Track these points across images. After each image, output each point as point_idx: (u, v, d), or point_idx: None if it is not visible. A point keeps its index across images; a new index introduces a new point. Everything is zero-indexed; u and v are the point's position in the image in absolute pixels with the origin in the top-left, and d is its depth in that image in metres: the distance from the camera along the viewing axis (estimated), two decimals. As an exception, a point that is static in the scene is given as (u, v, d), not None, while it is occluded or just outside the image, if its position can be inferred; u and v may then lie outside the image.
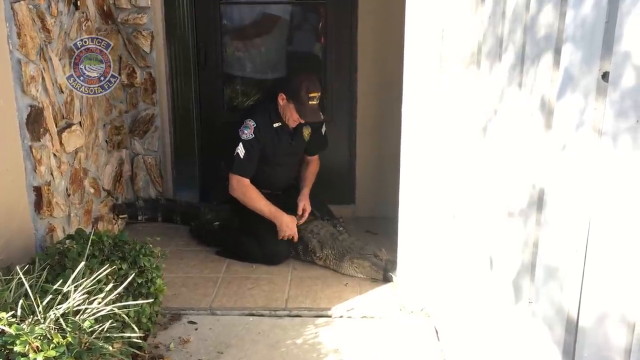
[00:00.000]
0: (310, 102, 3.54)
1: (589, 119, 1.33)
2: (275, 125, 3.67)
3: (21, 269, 2.49)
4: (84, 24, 3.46)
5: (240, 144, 3.57)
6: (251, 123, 3.59)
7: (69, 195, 3.27)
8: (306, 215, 3.79)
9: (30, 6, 2.86)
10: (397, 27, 3.03)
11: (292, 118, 3.62)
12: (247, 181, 3.62)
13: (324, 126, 3.90)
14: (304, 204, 3.81)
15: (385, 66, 3.97)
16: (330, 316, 3.14)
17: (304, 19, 4.48)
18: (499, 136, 1.99)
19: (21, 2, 2.77)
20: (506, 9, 1.92)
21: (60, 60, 3.16)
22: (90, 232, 2.74)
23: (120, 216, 4.05)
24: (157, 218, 4.24)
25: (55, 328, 2.12)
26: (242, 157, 3.57)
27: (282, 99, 3.60)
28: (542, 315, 1.59)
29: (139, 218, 4.20)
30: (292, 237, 3.67)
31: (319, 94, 3.57)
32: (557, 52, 1.52)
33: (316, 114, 3.62)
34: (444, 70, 2.74)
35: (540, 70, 1.61)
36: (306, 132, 3.83)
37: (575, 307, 1.40)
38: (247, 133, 3.57)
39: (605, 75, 1.27)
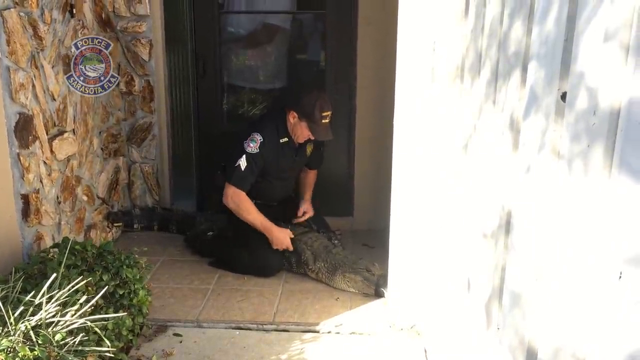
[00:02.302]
0: (323, 121, 3.52)
1: (549, 141, 1.27)
2: (282, 140, 3.63)
3: (1, 278, 2.49)
4: (80, 31, 3.45)
5: (244, 156, 3.52)
6: (258, 137, 3.54)
7: (59, 203, 3.25)
8: (306, 217, 3.84)
9: (22, 13, 2.86)
10: (396, 38, 2.97)
11: (303, 135, 3.58)
12: (243, 194, 3.58)
13: (323, 143, 3.87)
14: (306, 206, 3.86)
15: (384, 76, 3.89)
16: (318, 331, 3.07)
17: (304, 29, 4.45)
18: (476, 153, 1.93)
19: (11, 9, 2.76)
20: (485, 23, 1.86)
21: (53, 67, 3.16)
22: (69, 241, 2.70)
23: (115, 224, 4.03)
24: (153, 227, 4.21)
25: (24, 341, 2.10)
26: (242, 169, 3.53)
27: (292, 117, 3.56)
28: (507, 343, 1.52)
29: (135, 226, 4.18)
30: (287, 248, 3.63)
31: (331, 112, 3.55)
32: (525, 70, 1.46)
33: (328, 133, 3.60)
34: (435, 83, 2.68)
35: (510, 88, 1.55)
36: (309, 148, 3.80)
37: (535, 338, 1.33)
38: (253, 147, 3.52)
39: (564, 96, 1.21)
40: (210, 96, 4.28)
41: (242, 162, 3.52)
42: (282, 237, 3.61)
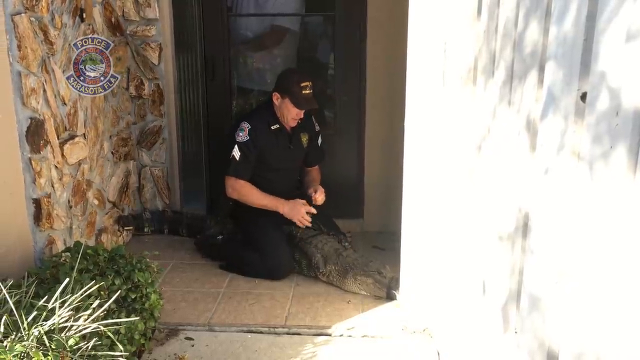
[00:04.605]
0: (303, 92, 3.56)
1: (568, 142, 1.25)
2: (274, 127, 3.69)
3: (14, 282, 2.49)
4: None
5: (236, 146, 3.60)
6: (246, 125, 3.62)
7: (70, 207, 3.26)
8: (320, 195, 3.72)
9: (32, 18, 2.86)
10: (406, 39, 2.96)
11: (291, 115, 3.62)
12: (241, 182, 3.65)
13: (319, 137, 3.92)
14: (316, 188, 3.76)
15: (394, 78, 3.86)
16: (330, 335, 3.06)
17: (312, 31, 4.44)
18: (491, 155, 1.91)
19: (22, 14, 2.76)
20: (499, 24, 1.84)
21: (63, 72, 3.16)
22: (81, 246, 2.70)
23: (126, 228, 4.03)
24: (163, 230, 4.21)
25: (37, 346, 2.09)
26: (237, 159, 3.60)
27: (276, 99, 3.63)
28: (526, 347, 1.50)
29: (145, 230, 4.18)
30: (304, 220, 3.61)
31: (311, 82, 3.60)
32: (542, 70, 1.44)
33: (312, 102, 3.63)
34: (446, 84, 2.67)
35: (527, 89, 1.54)
36: (304, 137, 3.83)
37: (557, 342, 1.31)
38: (242, 135, 3.59)
39: (584, 96, 1.19)
40: (219, 99, 4.27)
41: (236, 153, 3.60)
42: (295, 209, 3.62)
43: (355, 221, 4.25)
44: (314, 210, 3.65)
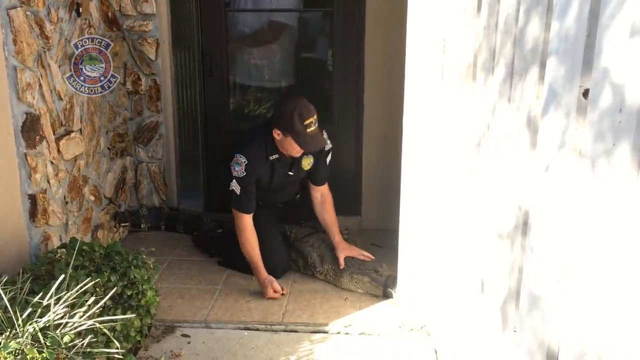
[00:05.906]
0: (308, 130, 3.25)
1: (570, 140, 1.24)
2: (272, 157, 3.46)
3: (8, 279, 2.48)
4: (86, 30, 3.44)
5: (234, 180, 3.40)
6: (242, 160, 3.38)
7: (66, 203, 3.24)
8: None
9: (28, 13, 2.84)
10: (405, 36, 2.95)
11: (295, 150, 3.37)
12: (248, 218, 3.44)
13: (329, 156, 3.67)
14: (345, 252, 3.52)
15: (392, 75, 3.87)
16: (327, 332, 3.05)
17: (311, 27, 4.42)
18: (490, 152, 1.90)
19: (18, 8, 2.74)
20: (499, 20, 1.82)
21: (60, 67, 3.14)
22: (77, 242, 2.68)
23: (122, 224, 4.01)
24: (160, 227, 4.19)
25: (32, 343, 2.08)
26: (238, 193, 3.41)
27: (277, 135, 3.35)
28: (525, 347, 1.49)
29: (142, 226, 4.16)
30: (270, 297, 3.35)
31: (315, 117, 3.26)
32: (543, 66, 1.43)
33: (319, 140, 3.36)
34: (445, 81, 2.65)
35: (527, 85, 1.52)
36: (307, 161, 3.58)
37: (556, 342, 1.30)
38: (239, 170, 3.38)
39: (586, 93, 1.17)
40: (216, 95, 4.24)
41: (235, 187, 3.40)
42: (265, 285, 3.37)
43: (353, 218, 4.24)
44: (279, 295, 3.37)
